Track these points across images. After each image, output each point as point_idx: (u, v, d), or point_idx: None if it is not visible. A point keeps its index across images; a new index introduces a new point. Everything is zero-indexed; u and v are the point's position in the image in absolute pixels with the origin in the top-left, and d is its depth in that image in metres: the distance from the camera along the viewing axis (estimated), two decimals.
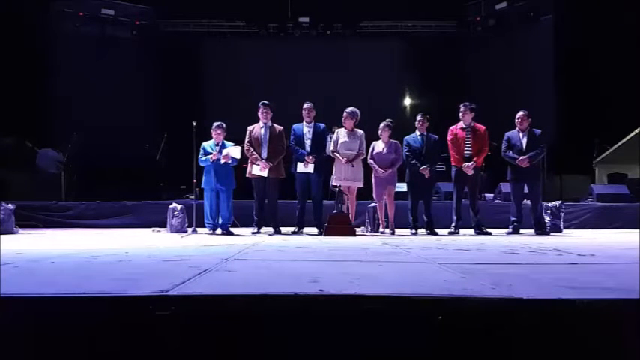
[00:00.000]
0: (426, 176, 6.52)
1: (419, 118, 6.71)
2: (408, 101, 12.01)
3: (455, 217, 6.62)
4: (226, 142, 6.50)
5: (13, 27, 9.15)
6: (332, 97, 9.45)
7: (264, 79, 11.28)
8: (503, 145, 6.71)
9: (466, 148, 6.54)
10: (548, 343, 1.92)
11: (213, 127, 6.50)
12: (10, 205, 6.49)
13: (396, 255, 3.86)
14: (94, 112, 10.32)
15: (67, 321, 1.95)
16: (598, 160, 9.82)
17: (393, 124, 6.77)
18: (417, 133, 6.67)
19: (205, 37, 12.09)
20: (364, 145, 6.60)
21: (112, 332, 1.94)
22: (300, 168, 6.59)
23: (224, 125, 6.53)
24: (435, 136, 6.71)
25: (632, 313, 1.95)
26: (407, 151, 6.64)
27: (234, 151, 6.33)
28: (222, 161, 6.30)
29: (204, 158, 6.41)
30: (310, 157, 6.52)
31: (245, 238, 5.78)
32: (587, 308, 1.96)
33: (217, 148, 6.41)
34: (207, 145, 6.50)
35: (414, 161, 6.57)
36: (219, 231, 6.44)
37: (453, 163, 6.65)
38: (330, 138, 6.90)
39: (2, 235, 5.39)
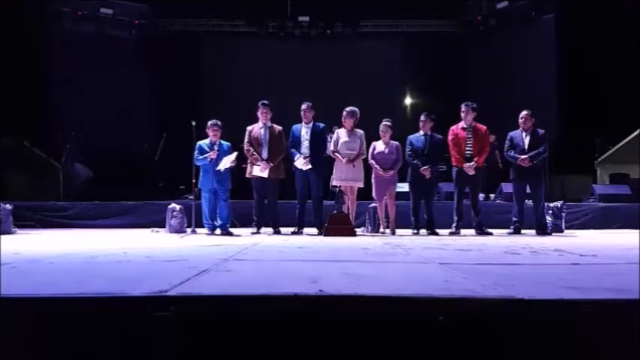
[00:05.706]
0: (427, 176, 6.50)
1: (422, 117, 6.68)
2: (408, 101, 11.99)
3: (456, 218, 6.59)
4: (222, 142, 6.40)
5: (11, 26, 9.12)
6: (332, 96, 9.43)
7: (263, 78, 11.26)
8: (505, 145, 6.70)
9: (467, 148, 6.51)
10: (549, 344, 1.91)
11: (209, 125, 6.37)
12: (7, 205, 6.47)
13: (397, 255, 3.84)
14: (92, 112, 10.31)
15: (66, 322, 1.93)
16: (600, 159, 9.81)
17: (391, 124, 6.75)
18: (421, 132, 6.65)
19: (204, 36, 12.09)
20: (364, 145, 6.57)
21: (111, 333, 1.93)
22: (299, 164, 6.53)
23: (220, 123, 6.41)
24: (439, 136, 6.67)
25: (633, 314, 1.93)
26: (409, 151, 6.62)
27: (227, 162, 6.22)
28: (221, 169, 6.24)
29: (201, 157, 6.29)
30: (306, 159, 6.46)
31: (244, 238, 5.75)
32: (588, 309, 1.96)
33: (216, 147, 6.29)
34: (203, 143, 6.37)
35: (415, 161, 6.55)
36: (218, 231, 6.40)
37: (453, 163, 6.62)
38: (330, 138, 6.87)
39: (0, 236, 5.37)
